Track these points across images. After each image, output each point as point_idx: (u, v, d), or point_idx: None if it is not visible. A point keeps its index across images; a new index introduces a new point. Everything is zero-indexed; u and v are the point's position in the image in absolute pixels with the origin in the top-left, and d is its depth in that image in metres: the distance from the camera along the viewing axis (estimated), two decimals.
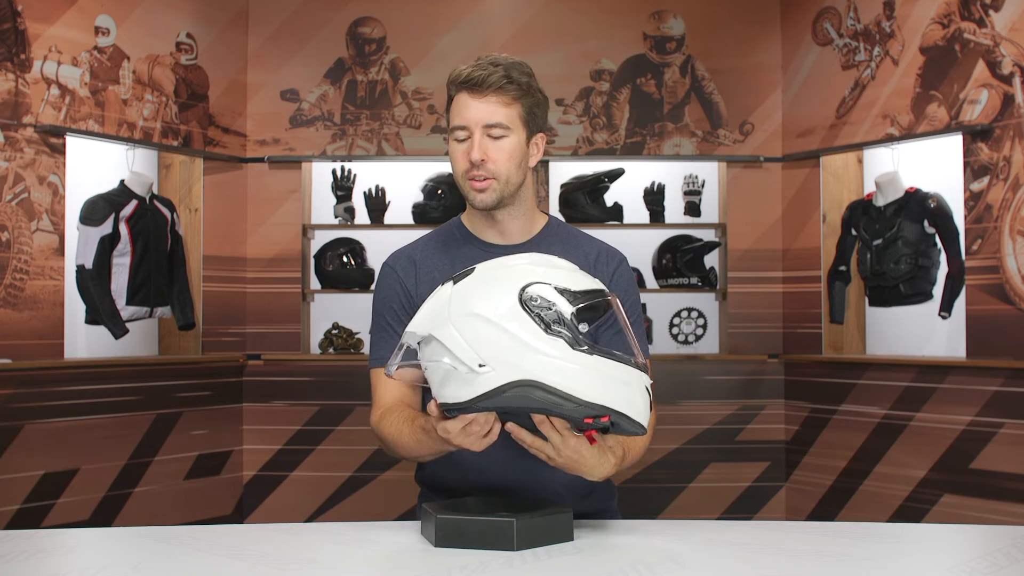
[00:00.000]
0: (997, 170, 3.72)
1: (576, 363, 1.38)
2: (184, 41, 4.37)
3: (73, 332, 3.99)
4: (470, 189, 1.74)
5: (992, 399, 3.69)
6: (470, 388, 1.39)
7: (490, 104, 1.70)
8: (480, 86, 1.70)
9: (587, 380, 1.38)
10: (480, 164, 1.71)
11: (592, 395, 1.37)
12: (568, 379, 1.37)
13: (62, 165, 3.88)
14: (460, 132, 1.72)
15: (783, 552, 1.43)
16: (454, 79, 1.72)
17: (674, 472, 4.53)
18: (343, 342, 4.55)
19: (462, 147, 1.73)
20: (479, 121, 1.71)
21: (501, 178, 1.73)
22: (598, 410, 1.38)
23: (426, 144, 4.61)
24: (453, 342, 1.40)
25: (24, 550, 1.45)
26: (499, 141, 1.72)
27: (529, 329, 1.38)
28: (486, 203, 1.74)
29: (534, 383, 1.37)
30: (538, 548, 1.43)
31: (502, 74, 1.70)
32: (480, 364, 1.38)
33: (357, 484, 4.49)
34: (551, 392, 1.37)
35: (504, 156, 1.72)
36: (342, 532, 1.57)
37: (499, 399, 1.38)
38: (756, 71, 4.67)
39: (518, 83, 1.71)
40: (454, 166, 1.76)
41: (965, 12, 3.86)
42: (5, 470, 3.65)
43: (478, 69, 1.70)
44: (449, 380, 1.41)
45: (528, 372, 1.37)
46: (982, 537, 1.59)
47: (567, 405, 1.38)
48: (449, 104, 1.76)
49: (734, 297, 4.59)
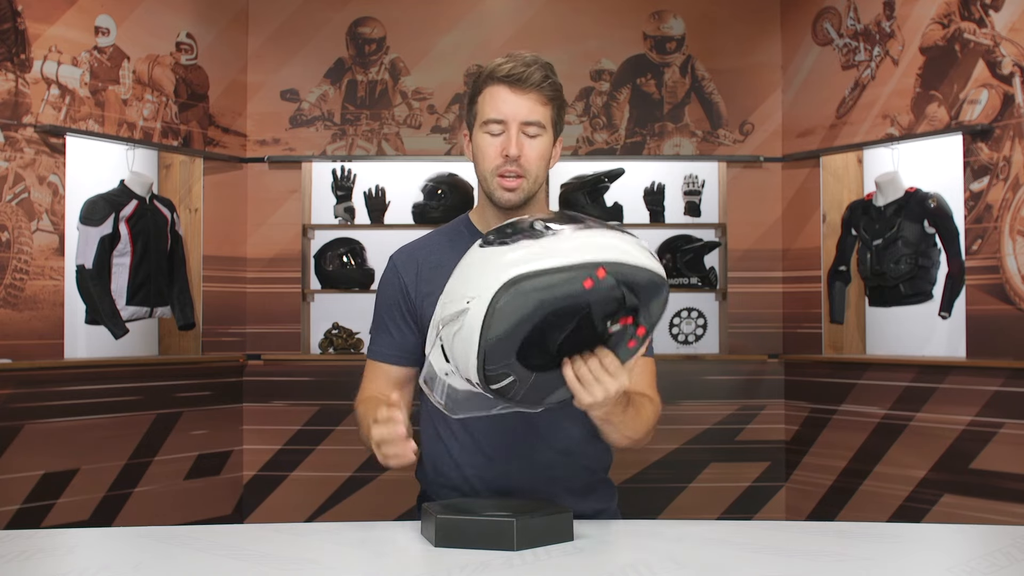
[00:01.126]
0: (997, 170, 3.72)
1: (546, 246, 1.32)
2: (184, 41, 4.37)
3: (73, 332, 3.99)
4: (498, 186, 1.72)
5: (992, 399, 3.69)
6: (469, 330, 1.32)
7: (530, 101, 1.69)
8: (522, 82, 1.68)
9: (563, 251, 1.31)
10: (515, 160, 1.69)
11: (575, 258, 1.30)
12: (545, 259, 1.30)
13: (62, 165, 3.88)
14: (495, 126, 1.70)
15: (783, 552, 1.43)
16: (492, 72, 1.70)
17: (674, 472, 4.53)
18: (343, 342, 4.55)
19: (495, 141, 1.71)
20: (517, 117, 1.69)
21: (531, 177, 1.72)
22: (589, 268, 1.30)
23: (426, 144, 4.61)
24: (442, 305, 1.38)
25: (24, 550, 1.44)
26: (534, 140, 1.71)
27: (492, 253, 1.34)
28: (513, 202, 1.73)
29: (515, 279, 1.29)
30: (538, 548, 1.43)
31: (543, 73, 1.69)
32: (467, 300, 1.33)
33: (357, 484, 4.49)
34: (536, 276, 1.29)
35: (536, 154, 1.72)
36: (342, 532, 1.57)
37: (499, 319, 1.30)
38: (756, 71, 4.67)
39: (554, 84, 1.71)
40: (482, 160, 1.73)
41: (965, 12, 3.85)
42: (5, 470, 3.65)
43: (520, 65, 1.68)
44: (457, 339, 1.35)
45: (505, 277, 1.30)
46: (982, 537, 1.59)
47: (557, 279, 1.29)
48: (476, 96, 1.74)
49: (734, 297, 4.59)
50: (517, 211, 1.76)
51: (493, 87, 1.70)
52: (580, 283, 1.30)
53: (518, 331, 1.31)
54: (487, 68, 1.72)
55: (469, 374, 1.36)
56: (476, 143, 1.75)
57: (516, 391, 1.38)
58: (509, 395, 1.38)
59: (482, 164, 1.74)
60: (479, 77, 1.74)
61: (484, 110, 1.72)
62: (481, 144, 1.73)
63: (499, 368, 1.34)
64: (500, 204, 1.74)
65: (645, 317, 1.38)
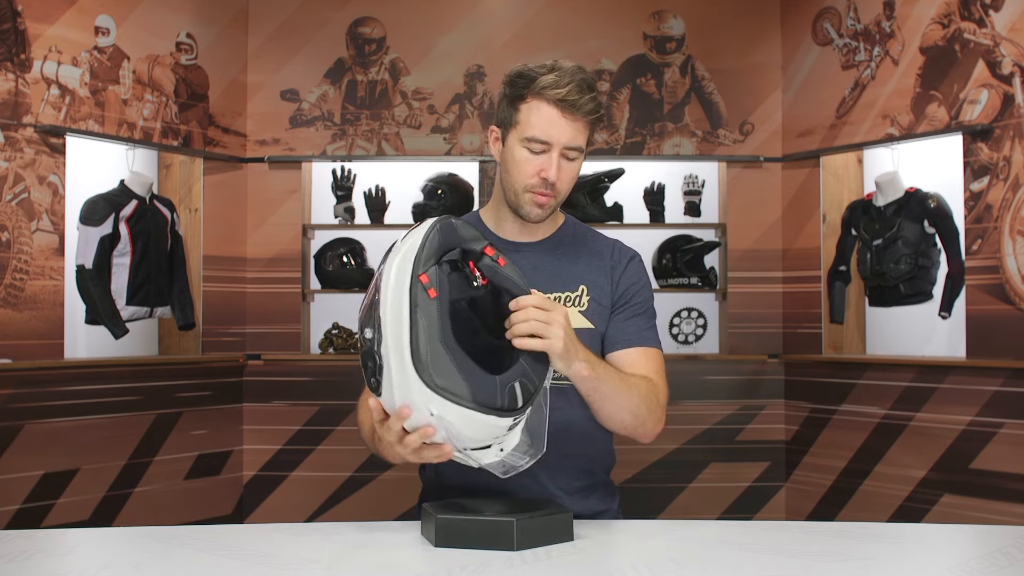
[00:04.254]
0: (997, 170, 3.72)
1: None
2: (184, 41, 4.37)
3: (73, 332, 3.99)
4: (530, 202, 1.72)
5: (992, 399, 3.69)
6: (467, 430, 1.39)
7: (577, 128, 1.69)
8: (576, 109, 1.66)
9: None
10: (552, 184, 1.70)
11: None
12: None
13: (62, 165, 3.88)
14: (538, 145, 1.69)
15: (783, 552, 1.43)
16: (543, 88, 1.66)
17: (674, 472, 4.53)
18: (343, 342, 4.55)
19: (535, 160, 1.69)
20: (563, 142, 1.68)
21: (560, 195, 1.73)
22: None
23: (426, 144, 4.61)
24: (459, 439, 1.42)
25: (24, 550, 1.44)
26: (572, 163, 1.71)
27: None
28: (541, 218, 1.75)
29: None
30: (538, 548, 1.43)
31: (596, 102, 1.68)
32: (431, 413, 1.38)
33: (357, 484, 4.49)
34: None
35: (571, 176, 1.73)
36: (342, 532, 1.57)
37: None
38: (756, 71, 4.67)
39: (599, 107, 1.70)
40: (517, 175, 1.71)
41: (965, 12, 3.85)
42: (5, 470, 3.65)
43: (575, 90, 1.65)
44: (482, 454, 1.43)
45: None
46: (982, 537, 1.59)
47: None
48: (517, 102, 1.70)
49: (734, 297, 4.59)
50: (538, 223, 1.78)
51: (542, 103, 1.67)
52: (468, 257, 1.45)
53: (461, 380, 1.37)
54: (538, 80, 1.67)
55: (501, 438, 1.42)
56: (512, 154, 1.72)
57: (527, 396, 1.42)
58: (526, 403, 1.43)
59: (516, 177, 1.72)
60: (523, 81, 1.69)
61: (529, 125, 1.69)
62: (519, 158, 1.71)
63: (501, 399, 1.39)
64: (528, 219, 1.75)
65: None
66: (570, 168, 1.72)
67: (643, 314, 1.81)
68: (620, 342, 1.77)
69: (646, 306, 1.82)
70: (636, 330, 1.78)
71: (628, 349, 1.77)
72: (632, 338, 1.78)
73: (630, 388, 1.65)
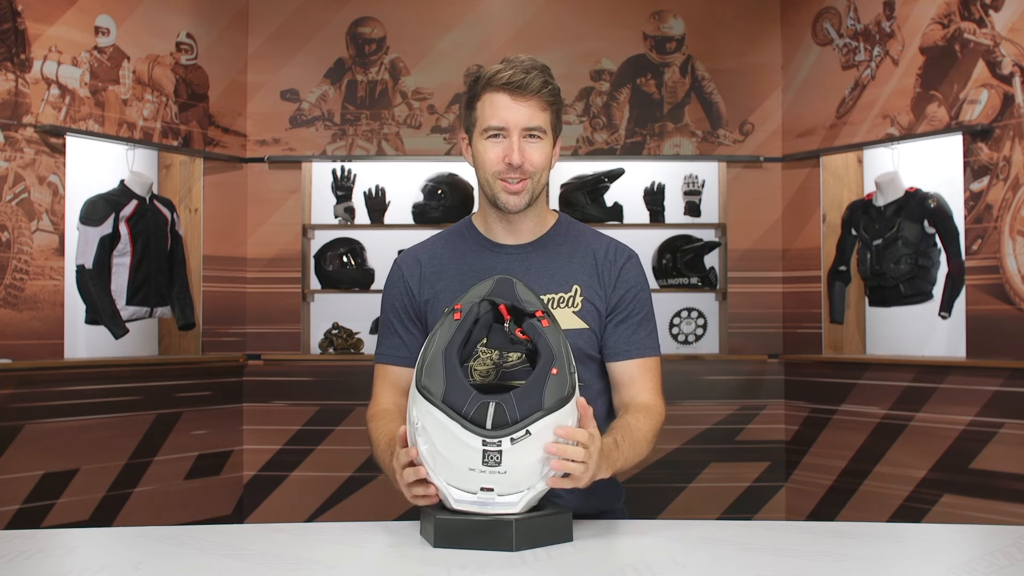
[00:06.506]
0: (997, 170, 3.72)
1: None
2: (184, 41, 4.37)
3: (73, 332, 3.99)
4: (502, 191, 1.74)
5: (992, 399, 3.69)
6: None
7: (531, 108, 1.71)
8: (522, 89, 1.69)
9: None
10: (518, 167, 1.71)
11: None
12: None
13: (62, 165, 3.88)
14: (497, 133, 1.72)
15: (783, 552, 1.43)
16: (490, 79, 1.71)
17: (674, 472, 4.53)
18: (343, 342, 4.55)
19: (497, 148, 1.72)
20: (519, 124, 1.71)
21: (534, 180, 1.74)
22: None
23: (426, 144, 4.61)
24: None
25: (24, 550, 1.44)
26: (535, 145, 1.73)
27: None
28: (519, 206, 1.75)
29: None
30: (538, 548, 1.43)
31: (543, 79, 1.71)
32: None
33: (357, 484, 4.49)
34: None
35: (539, 157, 1.74)
36: (342, 532, 1.57)
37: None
38: (756, 71, 4.67)
39: (553, 89, 1.73)
40: (484, 166, 1.75)
41: (965, 12, 3.85)
42: (5, 470, 3.65)
43: (519, 72, 1.69)
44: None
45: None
46: (982, 537, 1.59)
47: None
48: (474, 102, 1.74)
49: (734, 297, 4.59)
50: (521, 215, 1.78)
51: (492, 94, 1.71)
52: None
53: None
54: (485, 74, 1.73)
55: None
56: (477, 149, 1.76)
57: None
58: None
59: (484, 170, 1.76)
60: (476, 82, 1.74)
61: (484, 117, 1.73)
62: (482, 150, 1.75)
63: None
64: (506, 209, 1.76)
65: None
66: (536, 149, 1.73)
67: (642, 321, 1.81)
68: (620, 353, 1.79)
69: (645, 311, 1.83)
70: (635, 340, 1.79)
71: (627, 362, 1.79)
72: (632, 349, 1.79)
73: (637, 444, 1.66)
